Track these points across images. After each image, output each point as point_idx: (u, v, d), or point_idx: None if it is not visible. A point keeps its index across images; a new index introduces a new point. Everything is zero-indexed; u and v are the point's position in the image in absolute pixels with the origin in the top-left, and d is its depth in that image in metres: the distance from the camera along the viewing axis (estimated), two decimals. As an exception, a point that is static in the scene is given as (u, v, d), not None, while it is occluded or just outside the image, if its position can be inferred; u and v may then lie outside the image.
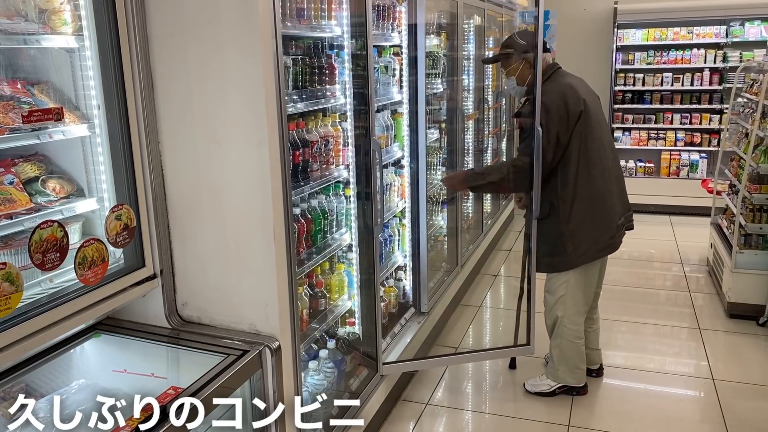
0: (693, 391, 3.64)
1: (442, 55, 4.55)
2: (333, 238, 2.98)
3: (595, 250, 3.23)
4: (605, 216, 3.22)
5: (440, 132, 4.66)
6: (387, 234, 3.78)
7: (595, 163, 3.17)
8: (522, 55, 3.21)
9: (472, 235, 5.47)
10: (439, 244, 4.75)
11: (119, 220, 2.08)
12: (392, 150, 3.72)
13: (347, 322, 3.14)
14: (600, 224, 3.21)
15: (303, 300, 2.70)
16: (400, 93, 3.76)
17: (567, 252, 3.21)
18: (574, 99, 3.12)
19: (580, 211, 3.16)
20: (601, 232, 3.22)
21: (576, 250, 3.21)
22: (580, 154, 3.12)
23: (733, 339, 4.22)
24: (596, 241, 3.22)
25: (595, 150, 3.16)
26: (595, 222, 3.19)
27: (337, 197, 3.04)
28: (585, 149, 3.12)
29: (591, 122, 3.14)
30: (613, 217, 3.26)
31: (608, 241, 3.25)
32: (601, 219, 3.21)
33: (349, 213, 3.10)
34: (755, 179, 4.31)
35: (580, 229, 3.18)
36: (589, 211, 3.17)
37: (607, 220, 3.23)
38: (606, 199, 3.22)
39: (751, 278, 4.37)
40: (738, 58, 7.12)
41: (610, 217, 3.24)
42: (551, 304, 3.41)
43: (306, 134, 2.71)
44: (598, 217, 3.20)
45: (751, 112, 4.71)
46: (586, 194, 3.16)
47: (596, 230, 3.20)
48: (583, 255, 3.22)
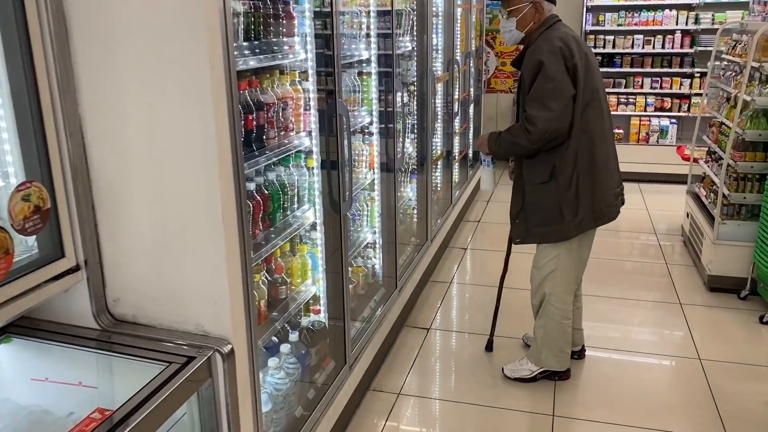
0: (681, 372, 3.42)
1: (411, 10, 4.15)
2: (294, 216, 2.60)
3: (592, 218, 2.96)
4: (604, 182, 2.95)
5: (409, 95, 4.29)
6: (355, 209, 3.42)
7: (597, 124, 2.89)
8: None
9: (441, 207, 5.15)
10: (408, 218, 4.42)
11: (27, 200, 1.66)
12: (360, 115, 3.33)
13: (311, 310, 2.79)
14: (598, 191, 2.94)
15: (260, 289, 2.33)
16: (368, 50, 3.37)
17: (564, 220, 2.93)
18: (578, 49, 2.82)
19: (582, 177, 2.88)
20: (598, 200, 2.95)
21: (573, 219, 2.92)
22: (584, 114, 2.83)
23: (716, 314, 4.03)
24: (593, 209, 2.94)
25: (597, 110, 2.89)
26: (593, 188, 2.92)
27: (298, 169, 2.65)
28: (588, 108, 2.84)
29: (594, 79, 2.86)
30: (611, 184, 3.00)
31: (605, 209, 2.98)
32: (600, 186, 2.94)
33: (313, 187, 2.72)
34: (740, 146, 4.08)
35: (579, 195, 2.89)
36: (589, 177, 2.90)
37: (606, 187, 2.96)
38: (606, 164, 2.95)
39: (733, 250, 4.18)
40: (710, 19, 6.91)
41: (608, 184, 2.97)
42: (538, 281, 3.13)
43: (260, 95, 2.30)
44: (597, 184, 2.93)
45: (734, 75, 4.47)
46: (588, 158, 2.88)
47: (594, 197, 2.93)
48: (580, 223, 2.94)
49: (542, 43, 2.80)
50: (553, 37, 2.81)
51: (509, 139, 2.91)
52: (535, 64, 2.77)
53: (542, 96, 2.76)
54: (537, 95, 2.77)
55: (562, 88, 2.75)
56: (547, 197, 2.93)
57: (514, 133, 2.88)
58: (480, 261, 5.02)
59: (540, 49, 2.78)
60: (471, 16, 6.09)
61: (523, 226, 3.07)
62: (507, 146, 2.95)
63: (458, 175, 5.88)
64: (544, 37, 2.84)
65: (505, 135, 2.94)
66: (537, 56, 2.77)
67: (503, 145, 2.96)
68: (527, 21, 2.91)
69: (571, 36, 2.87)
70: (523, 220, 3.07)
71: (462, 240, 5.44)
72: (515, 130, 2.88)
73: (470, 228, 5.75)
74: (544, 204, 2.95)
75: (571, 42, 2.82)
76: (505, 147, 2.96)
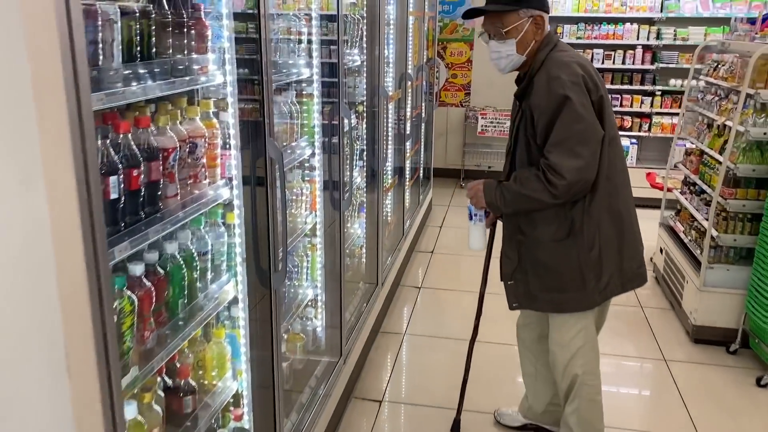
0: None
1: (359, 18, 3.51)
2: (207, 296, 1.92)
3: (621, 281, 2.39)
4: (632, 237, 2.40)
5: (358, 117, 3.65)
6: (292, 263, 2.75)
7: (620, 168, 2.36)
8: (529, 10, 2.26)
9: (392, 240, 4.53)
10: (355, 259, 3.77)
11: None
12: (299, 147, 2.67)
13: (231, 416, 2.10)
14: (627, 250, 2.38)
15: (151, 413, 1.63)
16: (309, 67, 2.71)
17: (587, 287, 2.35)
18: (595, 76, 2.26)
19: (607, 232, 2.32)
20: (628, 259, 2.39)
21: (598, 283, 2.35)
22: (608, 157, 2.27)
23: (706, 374, 3.55)
24: (622, 269, 2.38)
25: (619, 151, 2.35)
26: (621, 247, 2.37)
27: (214, 230, 1.97)
28: (610, 150, 2.28)
29: (611, 113, 2.31)
30: (639, 238, 2.45)
31: (636, 270, 2.42)
32: (628, 243, 2.39)
33: (233, 251, 2.04)
34: (730, 182, 3.62)
35: (605, 255, 2.33)
36: (615, 233, 2.35)
37: (634, 241, 2.42)
38: (632, 215, 2.41)
39: (721, 298, 3.72)
40: (672, 35, 6.55)
41: (636, 238, 2.43)
42: (566, 360, 2.50)
43: (154, 137, 1.61)
44: (625, 241, 2.38)
45: (717, 99, 4.03)
46: (614, 210, 2.33)
47: (623, 257, 2.37)
48: (606, 288, 2.37)
49: (557, 71, 2.20)
50: (569, 62, 2.22)
51: (521, 193, 2.27)
52: (557, 99, 2.16)
53: (569, 140, 2.16)
54: (562, 139, 2.17)
55: (593, 129, 2.18)
56: (565, 258, 2.34)
57: (528, 185, 2.24)
58: (436, 304, 4.42)
59: (559, 80, 2.17)
60: (423, 25, 5.50)
61: (522, 288, 2.46)
62: (516, 201, 2.30)
63: (409, 201, 5.27)
64: (555, 62, 2.24)
65: (514, 187, 2.29)
66: (558, 89, 2.16)
67: (510, 199, 2.31)
68: (528, 41, 2.30)
69: (583, 59, 2.31)
70: (522, 281, 2.46)
71: (414, 276, 4.83)
72: (530, 182, 2.23)
73: (423, 260, 5.14)
74: (558, 266, 2.36)
75: (590, 68, 2.26)
76: (514, 202, 2.31)
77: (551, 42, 2.31)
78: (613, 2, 6.58)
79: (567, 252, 2.32)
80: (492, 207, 2.41)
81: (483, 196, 2.41)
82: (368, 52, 3.54)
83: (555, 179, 2.16)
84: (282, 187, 2.04)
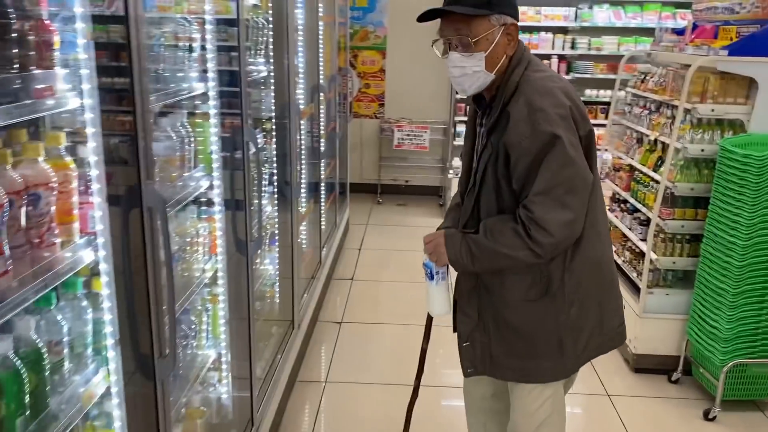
0: None
1: (264, 22, 3.05)
2: (66, 398, 1.40)
3: (599, 342, 2.02)
4: (613, 289, 2.05)
5: (265, 135, 3.17)
6: (187, 323, 2.24)
7: (601, 211, 1.99)
8: (502, 17, 1.83)
9: (308, 270, 4.06)
10: (267, 301, 3.28)
11: None
12: (192, 179, 2.17)
13: None
14: (608, 302, 2.02)
15: None
16: (204, 81, 2.22)
17: (564, 353, 1.96)
18: (581, 105, 1.88)
19: (587, 285, 1.94)
20: (610, 315, 2.02)
21: (575, 346, 1.97)
22: (590, 201, 1.88)
23: (652, 408, 3.31)
24: (602, 328, 2.01)
25: (599, 190, 1.99)
26: (602, 299, 2.00)
27: (72, 307, 1.45)
28: (593, 190, 1.89)
29: (594, 150, 1.93)
30: (619, 290, 2.10)
31: (617, 328, 2.07)
32: (610, 295, 2.03)
33: (102, 330, 1.53)
34: (668, 201, 3.42)
35: (584, 312, 1.95)
36: (596, 284, 1.98)
37: (616, 296, 2.06)
38: (612, 262, 2.07)
39: (661, 324, 3.50)
40: (587, 44, 6.46)
41: (617, 291, 2.07)
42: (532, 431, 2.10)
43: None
44: (606, 292, 2.02)
45: (647, 113, 3.84)
46: (596, 259, 1.96)
47: (603, 311, 2.00)
48: (583, 352, 1.99)
49: (540, 100, 1.78)
50: (552, 89, 1.81)
51: (495, 250, 1.84)
52: (544, 138, 1.75)
53: (557, 188, 1.77)
54: (549, 187, 1.76)
55: (583, 175, 1.81)
56: (540, 322, 1.94)
57: (504, 241, 1.82)
58: (359, 342, 3.98)
59: (544, 113, 1.75)
60: (334, 31, 5.08)
61: (481, 351, 2.04)
62: (488, 259, 1.87)
63: (326, 224, 4.82)
64: (534, 87, 1.82)
65: (485, 242, 1.86)
66: (544, 125, 1.75)
67: (481, 256, 1.87)
68: (499, 56, 1.86)
69: (565, 80, 1.94)
70: (482, 344, 2.03)
71: (333, 309, 4.38)
72: (506, 237, 1.81)
73: (342, 289, 4.70)
74: (531, 330, 1.96)
75: (573, 93, 1.87)
76: (485, 260, 1.88)
77: (524, 58, 1.89)
78: (528, 11, 6.41)
79: (542, 314, 1.93)
80: (457, 265, 1.95)
81: (445, 251, 1.94)
82: (276, 61, 3.08)
83: (540, 236, 1.76)
84: (166, 244, 1.55)
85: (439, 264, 2.01)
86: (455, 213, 2.26)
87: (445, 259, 1.95)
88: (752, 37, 3.17)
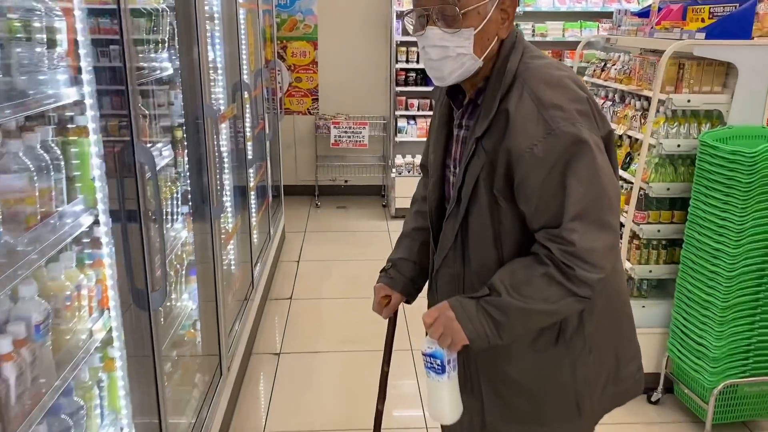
0: None
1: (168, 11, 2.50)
2: None
3: (614, 393, 1.59)
4: (632, 328, 1.65)
5: (174, 146, 2.63)
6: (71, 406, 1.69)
7: None
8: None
9: (239, 297, 3.53)
10: (187, 347, 2.74)
11: None
12: (67, 216, 1.62)
13: None
14: (626, 346, 1.62)
15: None
16: (78, 85, 1.67)
17: (583, 412, 1.53)
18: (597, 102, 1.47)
19: (608, 326, 1.55)
20: (627, 360, 1.61)
21: (592, 402, 1.55)
22: None
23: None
24: (618, 376, 1.59)
25: None
26: (619, 341, 1.59)
27: None
28: None
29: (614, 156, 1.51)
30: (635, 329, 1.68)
31: (636, 374, 1.64)
32: (627, 336, 1.63)
33: None
34: (642, 204, 3.06)
35: (601, 359, 1.53)
36: (616, 325, 1.58)
37: (634, 336, 1.66)
38: (627, 293, 1.68)
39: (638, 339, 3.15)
40: (531, 30, 6.11)
41: (634, 329, 1.67)
42: None
43: None
44: (625, 333, 1.62)
45: (612, 105, 3.48)
46: (616, 292, 1.56)
47: (619, 357, 1.59)
48: (599, 406, 1.58)
49: (551, 94, 1.36)
50: (561, 78, 1.39)
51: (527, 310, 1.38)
52: (567, 142, 1.33)
53: (594, 207, 1.36)
54: (585, 207, 1.35)
55: (615, 183, 1.42)
56: (551, 376, 1.51)
57: (536, 294, 1.37)
58: (302, 380, 3.47)
59: (561, 110, 1.33)
60: (258, 20, 4.51)
61: (470, 420, 1.59)
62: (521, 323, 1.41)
63: (258, 238, 4.28)
64: (538, 76, 1.39)
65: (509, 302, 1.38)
66: (566, 125, 1.32)
67: (509, 322, 1.40)
68: (490, 37, 1.43)
69: (570, 68, 1.53)
70: (472, 409, 1.58)
71: (270, 337, 3.85)
72: (537, 288, 1.37)
73: (280, 311, 4.17)
74: (540, 387, 1.53)
75: (584, 85, 1.45)
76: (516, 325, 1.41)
77: (519, 43, 1.46)
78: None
79: (555, 366, 1.49)
80: (479, 343, 1.42)
81: (459, 328, 1.42)
82: (183, 56, 2.52)
83: (588, 274, 1.34)
84: None
85: (453, 348, 1.45)
86: (412, 242, 1.80)
87: (462, 338, 1.42)
88: (730, 18, 2.82)
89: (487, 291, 1.42)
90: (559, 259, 1.35)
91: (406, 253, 1.79)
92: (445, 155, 1.62)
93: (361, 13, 6.33)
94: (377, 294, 1.76)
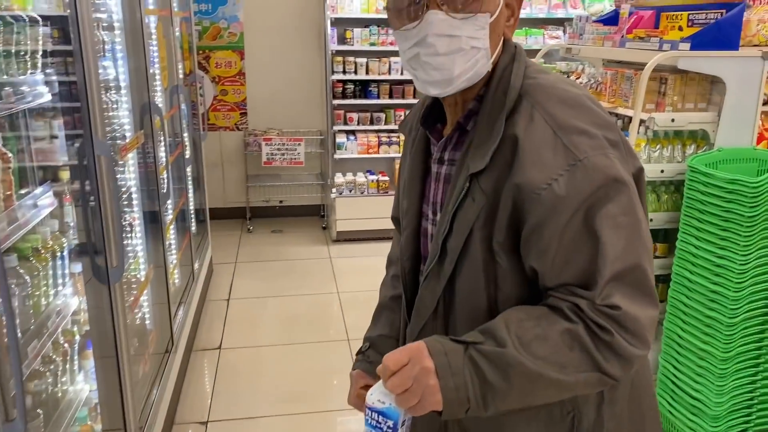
0: None
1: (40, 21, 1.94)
2: None
3: None
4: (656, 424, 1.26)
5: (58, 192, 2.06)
6: None
7: None
8: None
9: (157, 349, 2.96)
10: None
11: None
12: None
13: None
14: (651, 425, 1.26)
15: None
16: None
17: None
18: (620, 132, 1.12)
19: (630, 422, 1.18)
20: None
21: None
22: None
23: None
24: None
25: None
26: None
27: None
28: None
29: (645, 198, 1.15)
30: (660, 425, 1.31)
31: None
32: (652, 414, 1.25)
33: None
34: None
35: None
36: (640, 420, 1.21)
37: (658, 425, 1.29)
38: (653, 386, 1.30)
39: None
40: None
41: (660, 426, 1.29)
42: None
43: None
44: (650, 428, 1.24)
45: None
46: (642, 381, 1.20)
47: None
48: None
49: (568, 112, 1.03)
50: (579, 96, 1.07)
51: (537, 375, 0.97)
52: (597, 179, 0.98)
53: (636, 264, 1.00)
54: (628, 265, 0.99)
55: (649, 235, 1.07)
56: None
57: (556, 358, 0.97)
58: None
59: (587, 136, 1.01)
60: (173, 29, 3.94)
61: None
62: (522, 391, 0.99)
63: (179, 281, 3.70)
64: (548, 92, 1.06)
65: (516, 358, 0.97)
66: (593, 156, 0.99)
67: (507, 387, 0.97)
68: (498, 34, 1.08)
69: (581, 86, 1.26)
70: None
71: (197, 401, 3.28)
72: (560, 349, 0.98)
73: (208, 366, 3.61)
74: None
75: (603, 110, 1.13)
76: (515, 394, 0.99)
77: (520, 52, 1.12)
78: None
79: None
80: (457, 408, 0.98)
81: (436, 387, 0.97)
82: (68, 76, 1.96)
83: (632, 347, 0.99)
84: None
85: (418, 412, 1.00)
86: (393, 314, 1.40)
87: (436, 401, 0.98)
88: (717, 26, 2.48)
89: (480, 337, 1.01)
90: (591, 318, 0.98)
91: (386, 329, 1.38)
92: (421, 201, 1.22)
93: (292, 20, 5.82)
94: (355, 384, 1.30)
